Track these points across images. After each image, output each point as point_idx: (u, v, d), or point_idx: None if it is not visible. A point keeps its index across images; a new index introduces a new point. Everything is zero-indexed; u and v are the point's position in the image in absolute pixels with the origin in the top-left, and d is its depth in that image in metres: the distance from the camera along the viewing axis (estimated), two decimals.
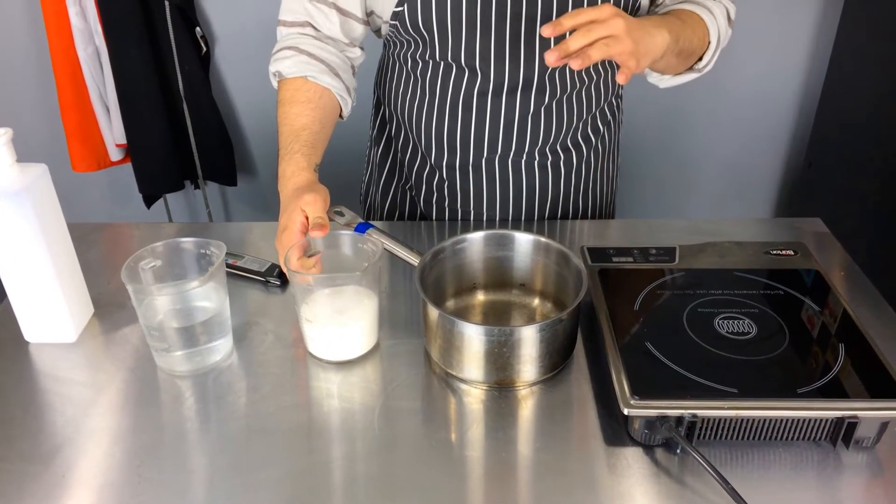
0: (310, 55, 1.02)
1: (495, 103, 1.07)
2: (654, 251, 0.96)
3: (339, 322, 0.84)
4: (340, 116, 1.07)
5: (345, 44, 1.06)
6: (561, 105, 1.10)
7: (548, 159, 1.14)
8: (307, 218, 0.85)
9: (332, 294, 0.86)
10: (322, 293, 0.85)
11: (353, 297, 0.85)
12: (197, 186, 2.21)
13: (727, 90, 2.14)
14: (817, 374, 0.75)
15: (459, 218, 1.19)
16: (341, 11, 1.03)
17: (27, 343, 0.89)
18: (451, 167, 1.15)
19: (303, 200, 0.86)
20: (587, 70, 1.09)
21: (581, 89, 1.10)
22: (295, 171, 0.93)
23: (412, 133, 1.16)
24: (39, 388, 0.83)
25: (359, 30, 1.06)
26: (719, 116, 2.18)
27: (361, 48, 1.10)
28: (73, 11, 1.85)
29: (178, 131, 2.04)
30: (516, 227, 1.16)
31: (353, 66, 1.09)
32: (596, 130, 1.17)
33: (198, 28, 1.98)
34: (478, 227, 1.09)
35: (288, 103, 1.00)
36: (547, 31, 0.80)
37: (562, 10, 0.98)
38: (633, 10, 1.02)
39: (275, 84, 1.05)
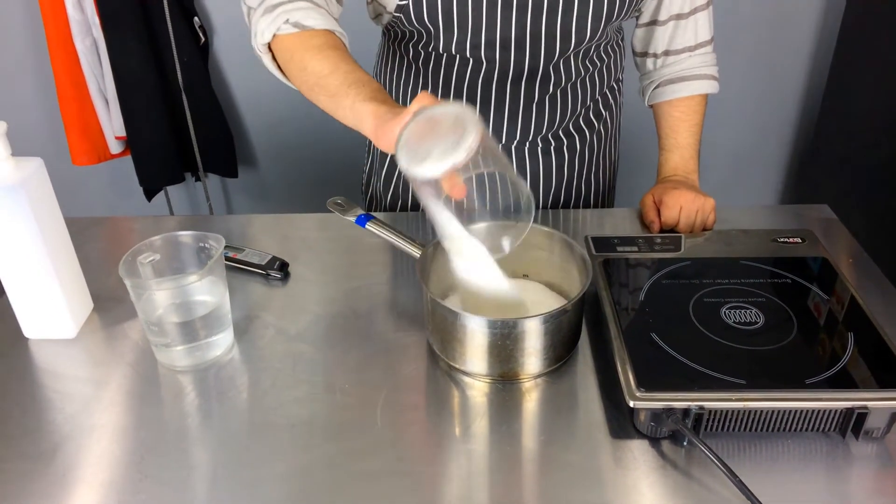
0: (318, 6, 0.90)
1: (500, 92, 1.06)
2: (659, 240, 0.95)
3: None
4: None
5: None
6: (566, 92, 1.09)
7: (551, 145, 1.13)
8: None
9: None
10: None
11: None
12: (198, 179, 2.20)
13: (732, 76, 2.12)
14: (826, 364, 0.74)
15: (465, 207, 1.17)
16: None
17: (26, 339, 0.88)
18: None
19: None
20: (591, 58, 1.08)
21: (585, 77, 1.09)
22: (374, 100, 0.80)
23: None
24: (39, 385, 0.82)
25: None
26: (724, 102, 2.16)
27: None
28: (70, 3, 1.83)
29: (177, 123, 2.03)
30: None
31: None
32: (598, 114, 1.16)
33: (196, 18, 1.97)
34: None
35: (329, 48, 0.87)
36: None
37: (567, 1, 0.96)
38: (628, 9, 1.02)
39: (265, 37, 0.90)
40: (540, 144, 1.13)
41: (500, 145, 1.12)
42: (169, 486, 0.69)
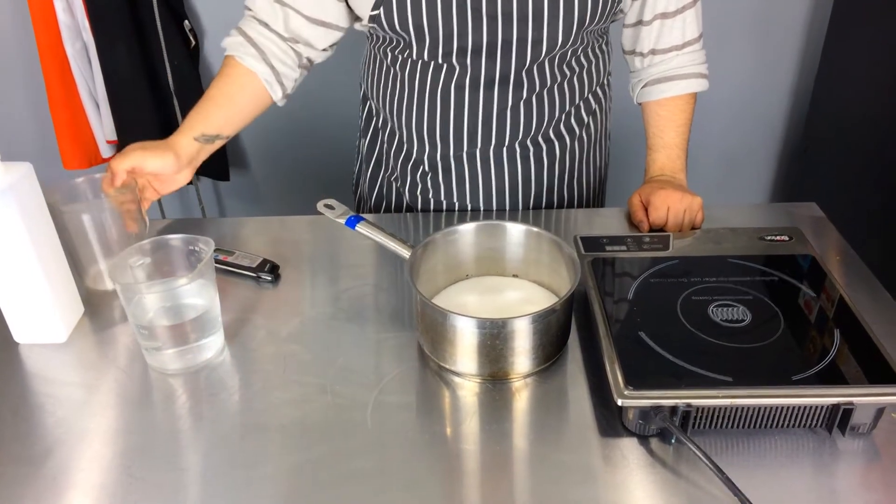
0: (247, 38, 1.08)
1: (473, 97, 1.07)
2: (647, 239, 0.96)
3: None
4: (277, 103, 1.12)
5: (294, 41, 1.08)
6: (541, 98, 1.09)
7: (529, 150, 1.13)
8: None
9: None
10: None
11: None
12: (190, 182, 2.19)
13: (721, 75, 2.12)
14: (813, 361, 0.74)
15: (444, 209, 1.18)
16: (309, 19, 1.06)
17: (17, 344, 0.88)
18: (433, 159, 1.14)
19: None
20: (568, 63, 1.08)
21: (562, 82, 1.09)
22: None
23: (395, 125, 1.15)
24: (30, 390, 0.82)
25: (329, 37, 1.09)
26: (713, 102, 2.17)
27: (324, 49, 1.11)
28: (59, 7, 1.83)
29: (168, 127, 2.03)
30: (502, 217, 1.15)
31: (301, 59, 1.11)
32: (580, 120, 1.16)
33: (186, 21, 1.97)
34: (467, 219, 1.08)
35: (215, 77, 1.09)
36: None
37: (537, 9, 0.97)
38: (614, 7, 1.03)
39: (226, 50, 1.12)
40: (518, 150, 1.12)
41: (477, 149, 1.12)
42: (160, 488, 0.69)
